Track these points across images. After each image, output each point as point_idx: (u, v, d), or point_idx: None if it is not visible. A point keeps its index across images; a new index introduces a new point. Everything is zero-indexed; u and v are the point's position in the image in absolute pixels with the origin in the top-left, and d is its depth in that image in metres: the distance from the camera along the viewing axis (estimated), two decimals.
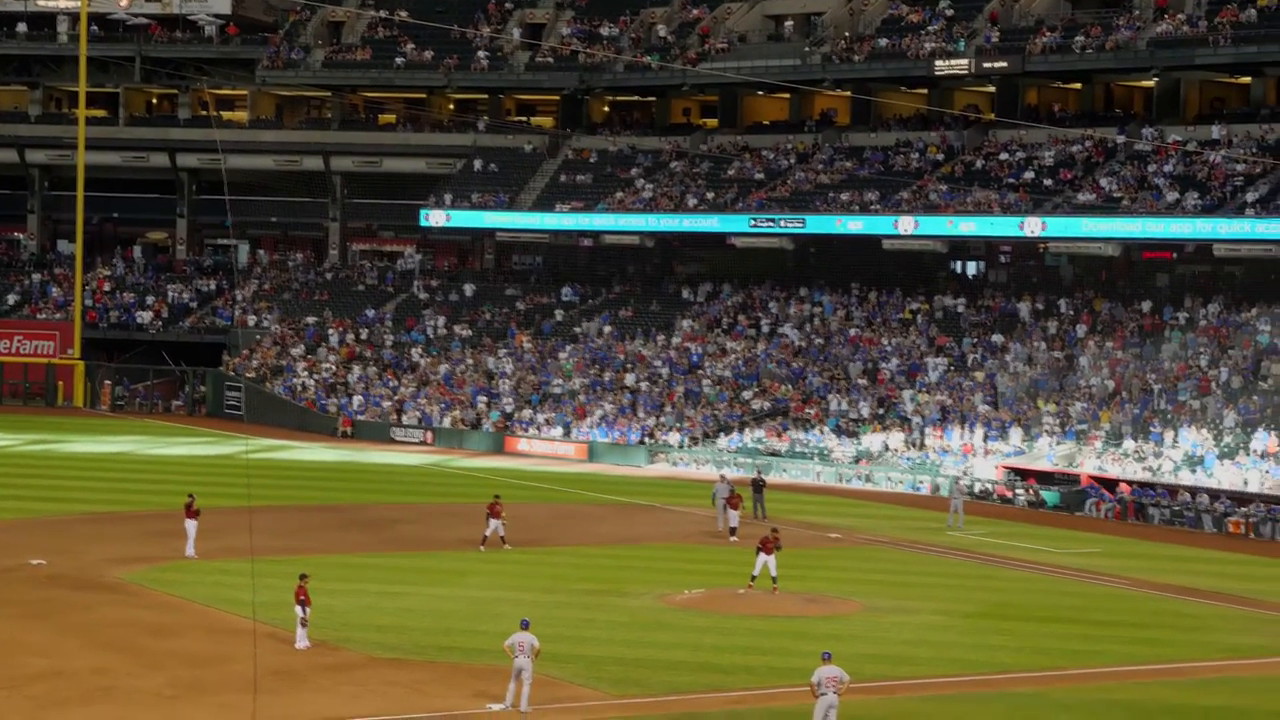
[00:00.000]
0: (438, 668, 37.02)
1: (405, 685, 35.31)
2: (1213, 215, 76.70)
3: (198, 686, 34.63)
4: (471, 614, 42.74)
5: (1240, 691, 37.07)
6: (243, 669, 34.35)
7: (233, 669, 35.51)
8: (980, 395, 77.96)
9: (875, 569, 52.33)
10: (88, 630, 39.94)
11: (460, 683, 35.52)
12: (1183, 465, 67.91)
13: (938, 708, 34.75)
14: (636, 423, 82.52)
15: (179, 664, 36.61)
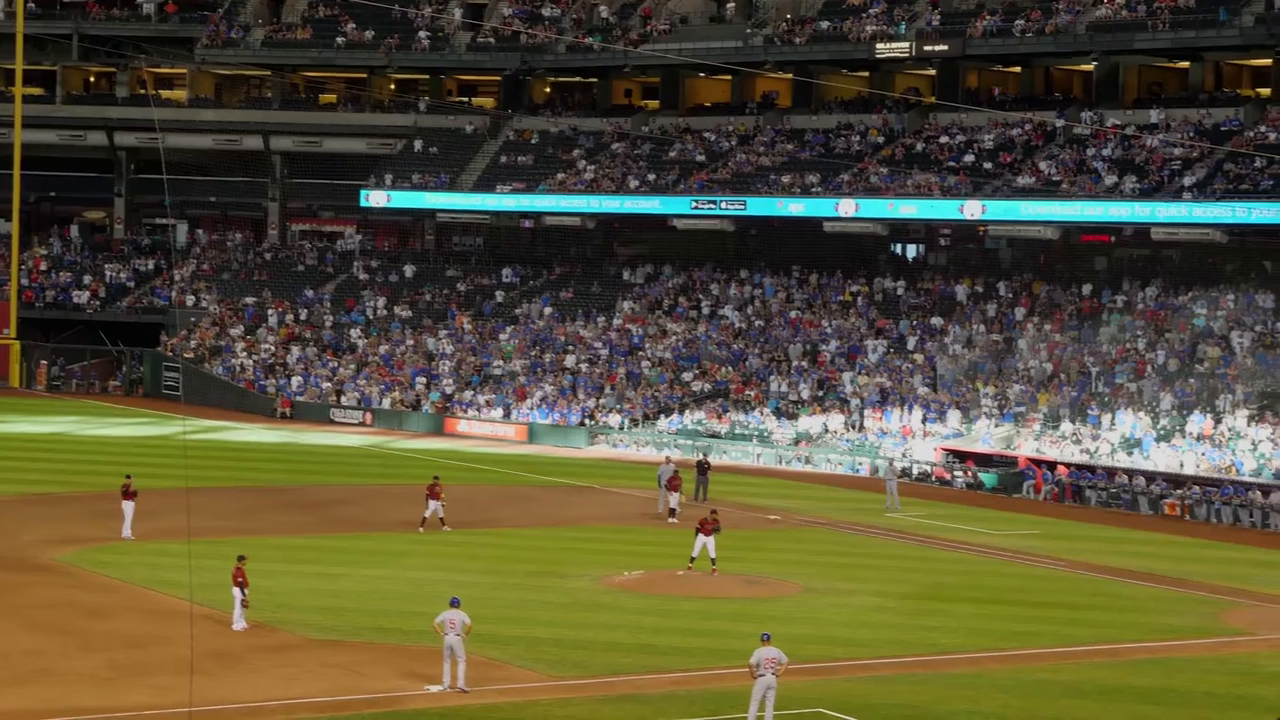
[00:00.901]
0: (376, 649, 36.94)
1: (343, 667, 35.23)
2: (1151, 199, 77.11)
3: (134, 668, 34.46)
4: (410, 595, 42.66)
5: (1174, 672, 37.34)
6: (179, 651, 34.18)
7: (169, 651, 35.34)
8: (919, 377, 78.25)
9: (814, 550, 52.50)
10: (22, 612, 39.68)
11: (398, 664, 35.45)
12: (1119, 448, 68.33)
13: (875, 689, 34.88)
14: (577, 404, 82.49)
15: (115, 646, 36.43)
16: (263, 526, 53.15)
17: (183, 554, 42.66)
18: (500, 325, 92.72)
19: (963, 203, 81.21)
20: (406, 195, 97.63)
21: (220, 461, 68.24)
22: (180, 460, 64.06)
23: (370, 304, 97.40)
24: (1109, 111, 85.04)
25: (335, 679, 34.17)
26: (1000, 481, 68.43)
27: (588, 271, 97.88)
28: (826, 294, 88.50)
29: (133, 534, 49.50)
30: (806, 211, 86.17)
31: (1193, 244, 79.19)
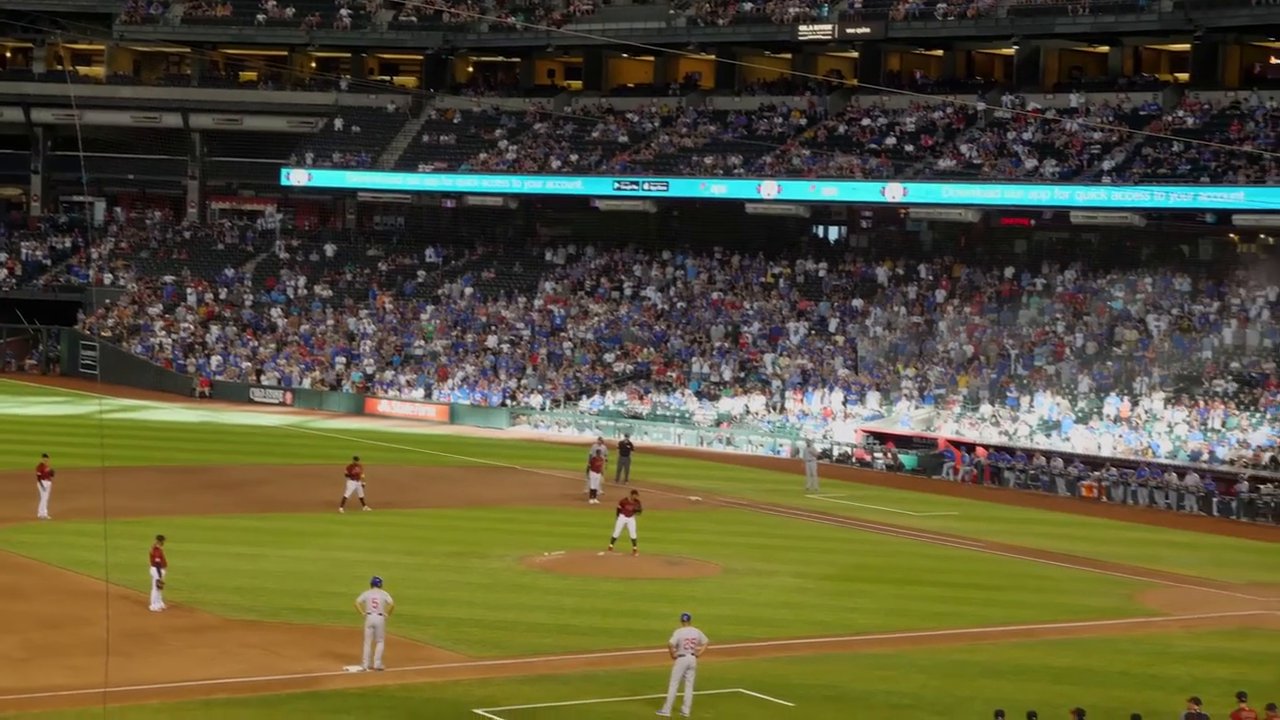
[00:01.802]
0: (295, 629, 36.79)
1: (261, 647, 35.06)
2: (1070, 183, 77.63)
3: (49, 649, 34.18)
4: (330, 576, 42.49)
5: (1089, 652, 37.65)
6: (95, 631, 33.92)
7: (85, 631, 35.08)
8: (840, 359, 78.52)
9: (735, 531, 52.61)
10: None
11: (317, 644, 35.31)
12: (1038, 430, 68.79)
13: (795, 669, 35.00)
14: (498, 385, 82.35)
15: (30, 626, 36.12)
16: (181, 506, 52.80)
17: (99, 534, 42.31)
18: (422, 305, 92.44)
19: (884, 185, 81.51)
20: (327, 174, 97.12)
21: (138, 441, 67.74)
22: (96, 439, 63.54)
23: (291, 283, 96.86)
24: (1029, 95, 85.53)
25: (253, 659, 34.01)
26: (920, 463, 68.78)
27: (510, 252, 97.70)
28: (748, 275, 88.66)
29: (49, 514, 49.07)
30: (729, 193, 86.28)
31: (1111, 227, 79.82)
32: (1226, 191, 73.28)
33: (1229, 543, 54.77)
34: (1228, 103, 79.63)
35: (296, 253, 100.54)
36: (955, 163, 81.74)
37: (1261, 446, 63.27)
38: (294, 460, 66.26)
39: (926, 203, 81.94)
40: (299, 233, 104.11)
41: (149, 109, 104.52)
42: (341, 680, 32.62)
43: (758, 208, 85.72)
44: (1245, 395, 67.53)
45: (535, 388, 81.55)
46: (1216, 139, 75.80)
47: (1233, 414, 66.09)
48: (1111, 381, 70.96)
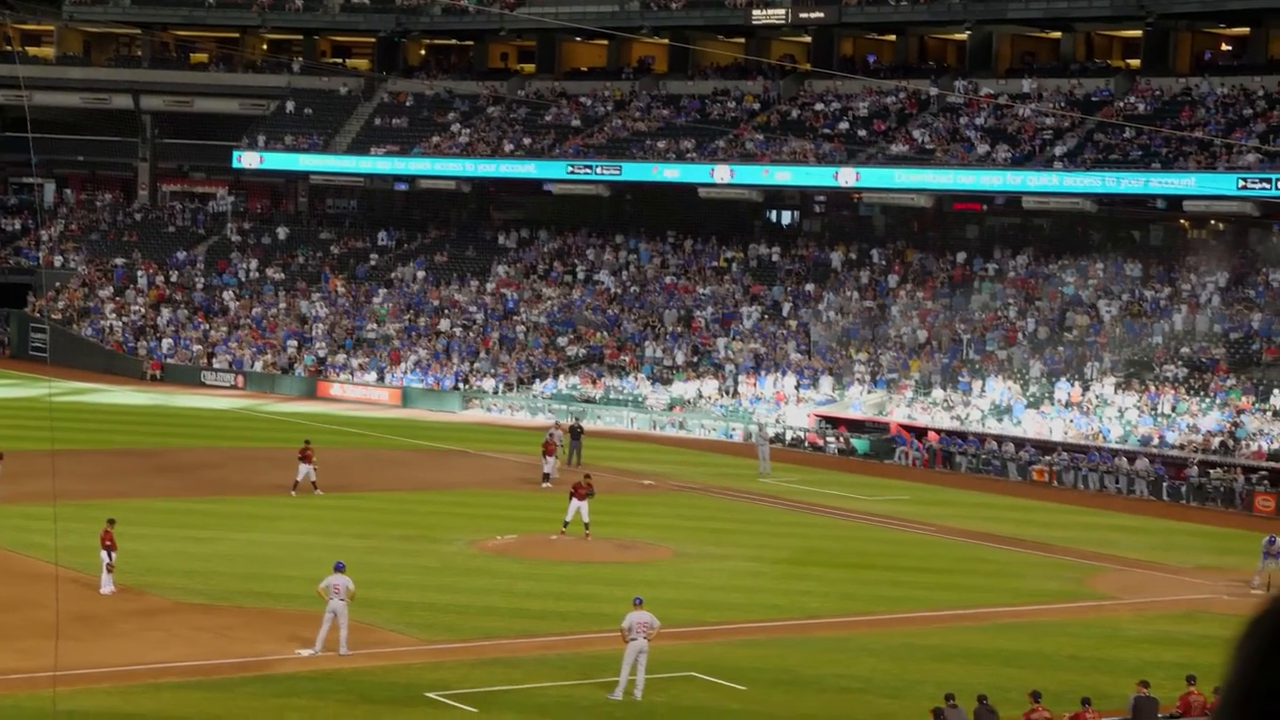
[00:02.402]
0: (246, 613, 36.69)
1: (213, 630, 34.96)
2: (1022, 168, 77.88)
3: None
4: (281, 559, 42.40)
5: (1039, 635, 37.84)
6: (45, 615, 33.67)
7: (35, 614, 34.87)
8: (793, 344, 78.65)
9: (687, 515, 52.66)
10: None
11: (269, 628, 35.23)
12: (989, 414, 69.05)
13: (747, 652, 35.06)
14: (451, 368, 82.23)
15: None
16: (131, 489, 52.58)
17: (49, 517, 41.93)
18: (374, 288, 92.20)
19: (837, 170, 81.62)
20: (279, 157, 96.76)
21: (88, 424, 67.37)
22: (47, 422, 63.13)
23: (242, 266, 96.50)
24: (982, 80, 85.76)
25: (204, 643, 33.90)
26: (872, 447, 68.96)
27: (462, 235, 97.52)
28: (702, 260, 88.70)
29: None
30: (682, 177, 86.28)
31: (1063, 213, 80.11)
32: (1177, 178, 73.62)
33: (1178, 527, 55.09)
34: (1179, 89, 79.98)
35: (248, 235, 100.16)
36: (908, 148, 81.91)
37: (1211, 431, 63.65)
38: (245, 444, 66.03)
39: (879, 188, 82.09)
40: (251, 215, 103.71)
41: (99, 90, 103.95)
42: (293, 664, 32.55)
43: (711, 192, 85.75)
44: (1195, 380, 67.90)
45: (488, 371, 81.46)
46: (1168, 125, 76.14)
47: (1183, 399, 66.46)
48: (1063, 366, 71.27)
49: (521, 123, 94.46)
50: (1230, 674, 1.55)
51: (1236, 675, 1.54)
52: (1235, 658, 1.55)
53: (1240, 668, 1.55)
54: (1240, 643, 1.56)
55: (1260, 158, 72.41)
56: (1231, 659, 1.56)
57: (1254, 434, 62.87)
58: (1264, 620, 1.55)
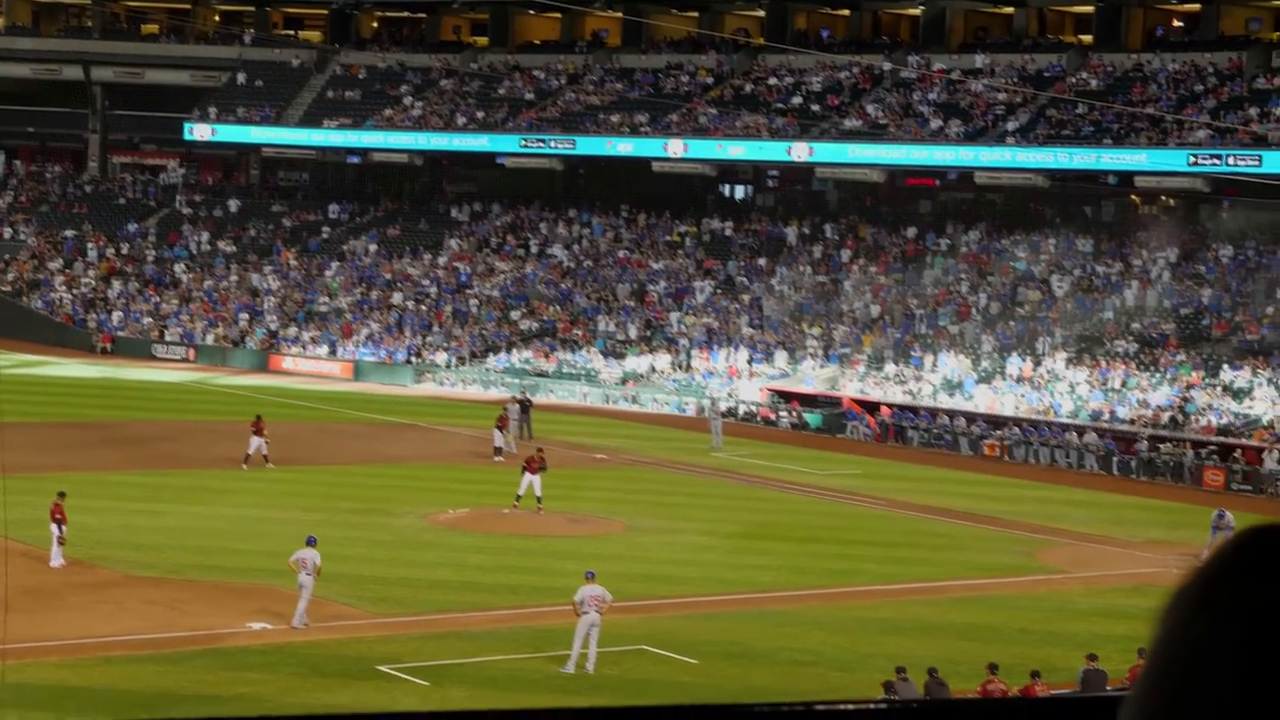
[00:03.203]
0: (198, 586, 36.58)
1: (164, 604, 34.86)
2: (974, 143, 78.06)
3: None
4: (233, 532, 42.29)
5: (991, 609, 38.01)
6: None
7: None
8: (746, 318, 78.73)
9: (640, 489, 52.67)
10: None
11: (221, 601, 35.15)
12: (941, 389, 69.27)
13: (699, 626, 35.13)
14: (403, 342, 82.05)
15: None
16: (82, 462, 52.32)
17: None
18: (326, 262, 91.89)
19: (790, 145, 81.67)
20: (231, 129, 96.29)
21: (38, 396, 67.03)
22: None
23: (194, 239, 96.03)
24: (935, 56, 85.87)
25: (155, 616, 33.80)
26: (824, 422, 69.06)
27: (415, 209, 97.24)
28: (655, 234, 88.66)
29: None
30: (635, 151, 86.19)
31: (1015, 188, 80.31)
32: (1129, 153, 73.91)
33: (1128, 501, 55.36)
34: (1130, 65, 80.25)
35: (199, 208, 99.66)
36: (861, 123, 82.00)
37: (1161, 406, 63.99)
38: (197, 417, 65.76)
39: (832, 162, 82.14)
40: (202, 188, 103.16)
41: (49, 61, 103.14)
42: (244, 637, 32.50)
43: (664, 166, 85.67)
44: (1146, 356, 68.25)
45: (441, 345, 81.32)
46: (1119, 101, 76.37)
47: (1133, 374, 66.79)
48: (1014, 341, 71.54)
49: (474, 96, 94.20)
50: (1152, 644, 1.56)
51: (1158, 644, 1.55)
52: (1158, 627, 1.56)
53: (1163, 636, 1.55)
54: (1163, 612, 1.57)
55: (1211, 134, 72.73)
56: (1154, 628, 1.56)
57: (1203, 409, 63.24)
58: (1187, 589, 1.56)
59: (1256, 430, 61.19)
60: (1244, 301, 71.53)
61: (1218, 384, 65.10)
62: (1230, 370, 65.69)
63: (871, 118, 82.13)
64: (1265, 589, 1.50)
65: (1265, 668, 1.47)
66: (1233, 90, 75.99)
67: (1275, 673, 1.47)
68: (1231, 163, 70.63)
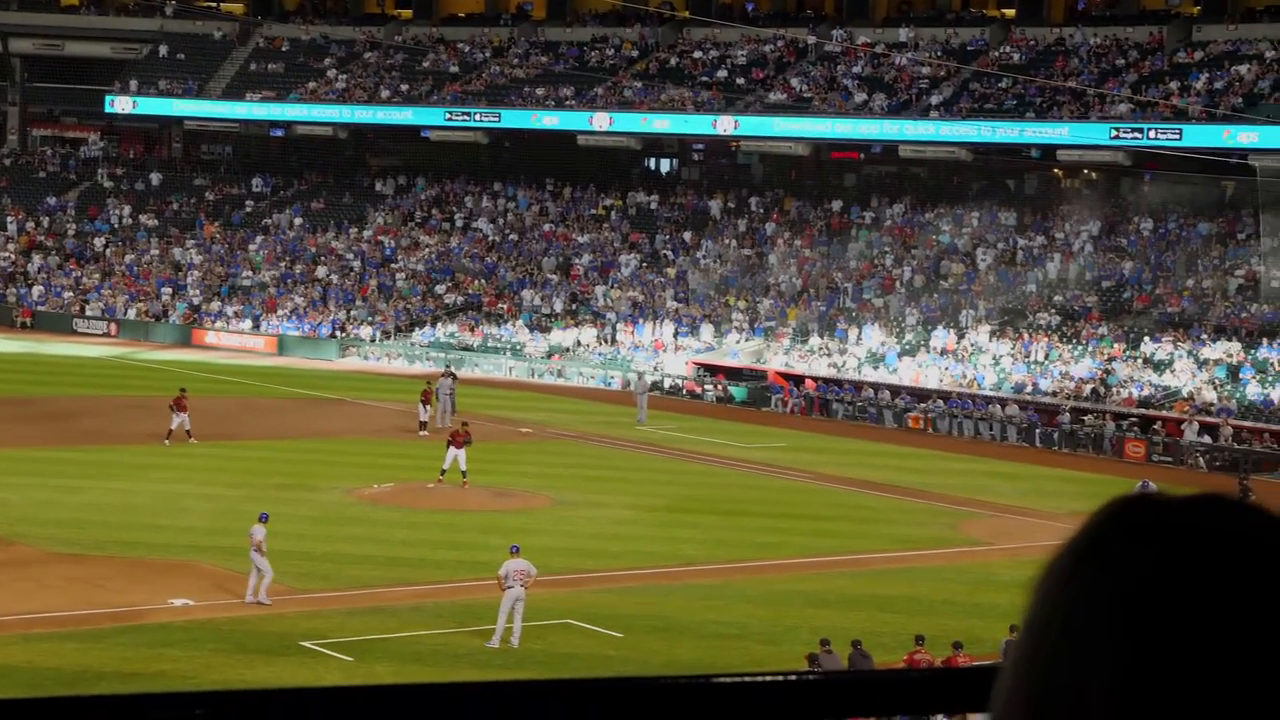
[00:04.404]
0: (119, 563, 36.29)
1: (85, 581, 34.55)
2: (899, 117, 78.29)
3: None
4: (155, 509, 41.98)
5: (914, 581, 38.17)
6: None
7: None
8: (671, 292, 78.75)
9: (565, 464, 52.63)
10: None
11: (142, 578, 34.90)
12: (866, 362, 69.50)
13: (624, 599, 35.14)
14: (327, 316, 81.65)
15: None
16: (1, 438, 51.80)
17: None
18: (250, 235, 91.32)
19: (716, 118, 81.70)
20: (153, 102, 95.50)
21: None
22: None
23: (115, 212, 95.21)
24: (859, 29, 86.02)
25: (76, 593, 33.51)
26: (750, 395, 69.20)
27: (339, 182, 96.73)
28: (580, 208, 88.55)
29: None
30: (561, 125, 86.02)
31: (939, 162, 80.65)
32: (1051, 127, 74.30)
33: (1050, 473, 55.70)
34: (1053, 39, 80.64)
35: (121, 181, 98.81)
36: (786, 96, 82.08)
37: (1083, 379, 64.43)
38: (119, 392, 65.24)
39: (757, 136, 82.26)
40: (123, 161, 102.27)
41: None
42: (166, 614, 32.27)
43: (589, 140, 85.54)
44: (1068, 328, 68.69)
45: (365, 319, 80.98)
46: (1042, 75, 76.76)
47: (1056, 347, 67.23)
48: (938, 314, 71.86)
49: (399, 69, 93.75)
50: (1026, 613, 1.55)
51: (1033, 613, 1.54)
52: (1032, 596, 1.55)
53: (1037, 605, 1.55)
54: (1037, 582, 1.56)
55: (1132, 107, 73.20)
56: (1028, 598, 1.56)
57: (1125, 381, 63.71)
58: (1060, 558, 1.56)
59: (1177, 402, 61.71)
60: (1165, 274, 72.10)
61: (1139, 356, 65.60)
62: (1151, 343, 66.22)
63: (796, 91, 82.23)
64: (1136, 551, 1.51)
65: (1142, 630, 1.47)
66: (1154, 64, 76.50)
67: (1153, 635, 1.46)
68: (1152, 136, 71.12)
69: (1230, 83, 73.33)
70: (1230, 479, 50.71)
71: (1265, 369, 63.12)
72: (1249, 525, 1.52)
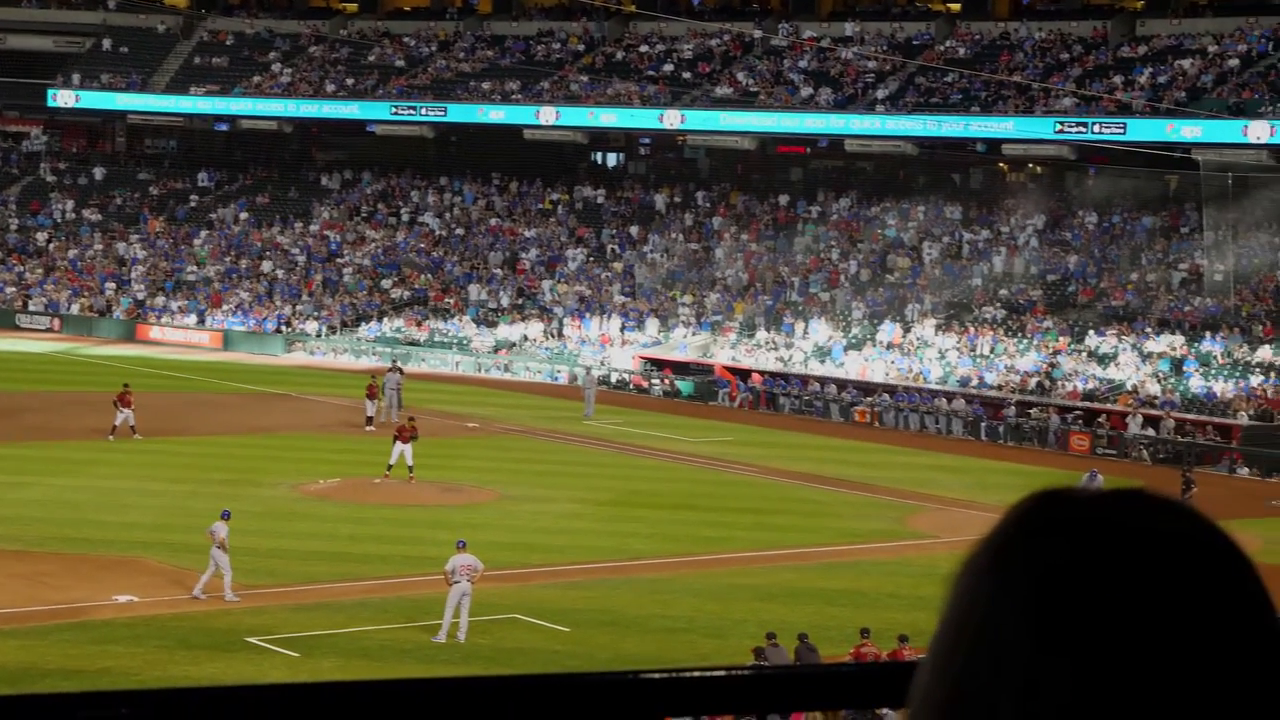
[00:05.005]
0: (63, 559, 36.06)
1: (27, 577, 34.32)
2: (845, 111, 78.43)
3: None
4: (99, 504, 41.73)
5: (860, 574, 38.26)
6: None
7: None
8: (618, 286, 78.73)
9: (512, 458, 52.56)
10: None
11: (87, 574, 34.68)
12: (813, 356, 69.64)
13: (570, 594, 35.12)
14: (273, 311, 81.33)
15: None
16: None
17: None
18: (194, 230, 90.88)
19: (662, 112, 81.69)
20: (96, 95, 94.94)
21: None
22: None
23: (58, 207, 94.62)
24: (805, 23, 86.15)
25: (18, 590, 33.28)
26: (696, 389, 69.24)
27: (285, 177, 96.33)
28: (527, 202, 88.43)
29: None
30: (507, 119, 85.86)
31: (885, 156, 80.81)
32: (996, 121, 74.55)
33: (996, 466, 55.88)
34: (998, 33, 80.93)
35: (64, 176, 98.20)
36: (732, 90, 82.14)
37: (1028, 372, 64.70)
38: (62, 387, 64.83)
39: (704, 130, 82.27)
40: (66, 155, 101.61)
41: None
42: (110, 610, 32.09)
43: (536, 134, 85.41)
44: (1013, 322, 68.97)
45: (311, 314, 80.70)
46: (987, 69, 77.02)
47: (1001, 340, 67.49)
48: (884, 308, 72.04)
49: (344, 63, 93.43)
50: (943, 609, 1.55)
51: (950, 609, 1.54)
52: (948, 592, 1.56)
53: (954, 601, 1.54)
54: (954, 578, 1.57)
55: (1076, 101, 73.52)
56: (945, 593, 1.56)
57: (1069, 374, 64.02)
58: (977, 553, 1.56)
59: (1121, 395, 62.04)
60: (1109, 268, 72.45)
61: (1083, 350, 65.91)
62: (1096, 336, 66.54)
63: (743, 85, 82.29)
64: (1053, 545, 1.51)
65: (1057, 624, 1.47)
66: (1098, 58, 76.86)
67: (1068, 628, 1.46)
68: (1097, 130, 71.45)
69: (1174, 77, 73.74)
70: (1175, 471, 50.98)
71: (1208, 362, 63.52)
72: (1158, 521, 1.53)
